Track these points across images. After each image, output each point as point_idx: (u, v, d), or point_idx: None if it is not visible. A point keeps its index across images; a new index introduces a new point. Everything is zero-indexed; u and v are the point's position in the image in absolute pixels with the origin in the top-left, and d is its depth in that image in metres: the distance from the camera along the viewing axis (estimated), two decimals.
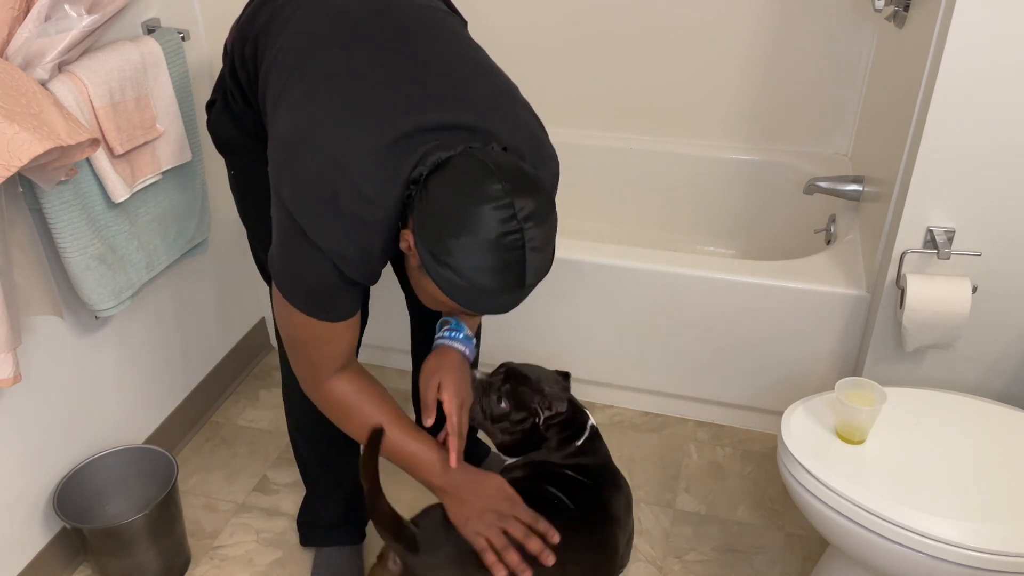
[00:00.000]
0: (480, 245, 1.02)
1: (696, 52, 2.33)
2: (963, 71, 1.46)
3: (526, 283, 1.06)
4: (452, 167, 1.06)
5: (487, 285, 1.05)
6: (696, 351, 2.01)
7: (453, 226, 1.03)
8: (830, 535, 1.39)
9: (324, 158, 1.11)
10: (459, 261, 1.03)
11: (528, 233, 1.04)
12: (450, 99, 1.16)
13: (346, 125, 1.12)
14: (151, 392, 1.95)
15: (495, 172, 1.04)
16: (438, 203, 1.05)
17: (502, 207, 1.02)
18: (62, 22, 1.40)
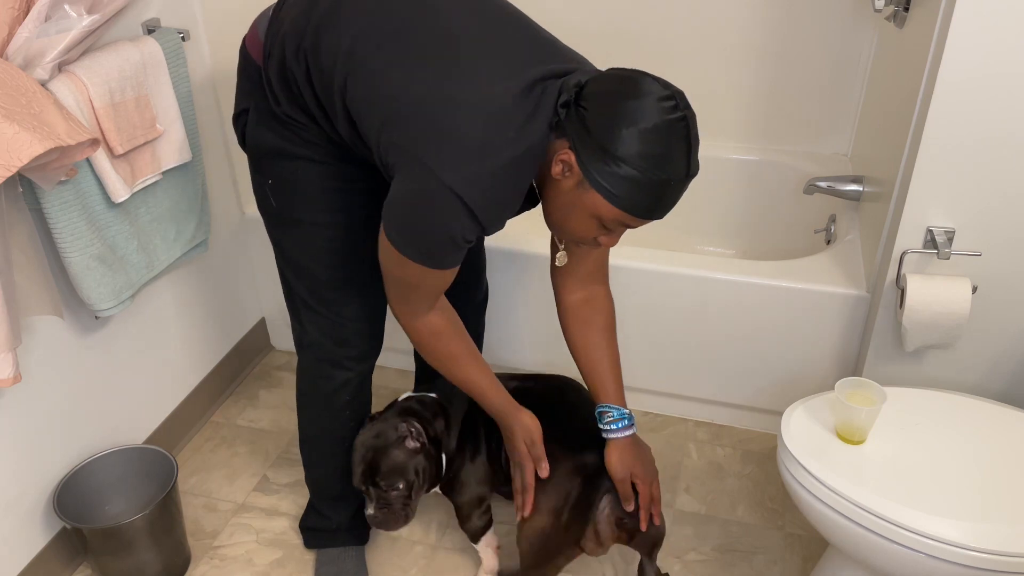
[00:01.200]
0: (653, 132, 1.10)
1: (696, 52, 2.33)
2: (963, 71, 1.46)
3: (690, 171, 1.14)
4: (602, 78, 1.15)
5: (661, 174, 1.11)
6: (696, 351, 2.01)
7: (624, 119, 1.10)
8: (830, 535, 1.39)
9: (469, 113, 1.15)
10: (633, 152, 1.10)
11: (691, 120, 1.13)
12: (548, 52, 1.24)
13: (476, 79, 1.17)
14: (151, 392, 1.95)
15: (644, 73, 1.14)
16: (602, 107, 1.12)
17: (665, 98, 1.11)
18: (62, 22, 1.40)
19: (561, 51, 1.27)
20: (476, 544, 1.71)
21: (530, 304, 2.06)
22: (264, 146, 1.39)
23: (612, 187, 1.12)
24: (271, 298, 2.33)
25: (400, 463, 1.50)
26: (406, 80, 1.19)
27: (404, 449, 1.51)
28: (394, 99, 1.19)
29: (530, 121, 1.16)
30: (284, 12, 1.32)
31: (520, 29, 1.26)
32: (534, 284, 2.02)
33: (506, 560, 1.76)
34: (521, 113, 1.16)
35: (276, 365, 2.36)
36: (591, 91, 1.14)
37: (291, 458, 2.04)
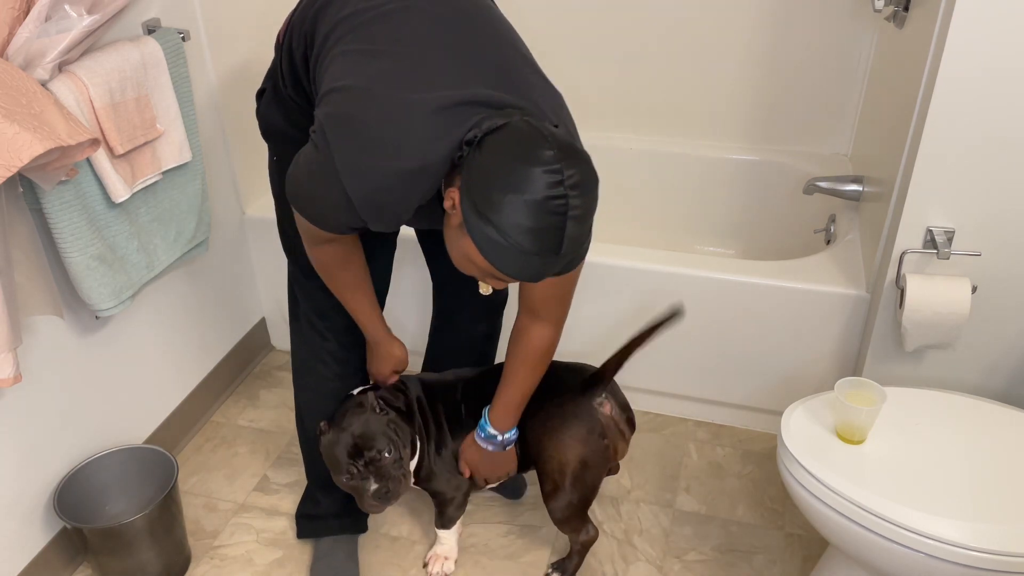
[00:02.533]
0: (525, 204, 1.07)
1: (696, 52, 2.33)
2: (963, 71, 1.46)
3: (561, 251, 1.10)
4: (509, 129, 1.11)
5: (524, 245, 1.08)
6: (696, 351, 2.01)
7: (502, 182, 1.08)
8: (830, 535, 1.39)
9: (381, 111, 1.16)
10: (502, 217, 1.07)
11: (572, 201, 1.08)
12: (505, 79, 1.21)
13: (407, 83, 1.17)
14: (151, 392, 1.95)
15: (548, 139, 1.09)
16: (491, 160, 1.10)
17: (552, 171, 1.07)
18: (62, 22, 1.40)
19: (519, 83, 1.23)
20: (449, 529, 1.72)
21: None
22: (271, 125, 1.49)
23: (482, 243, 1.11)
24: (271, 298, 2.33)
25: (378, 429, 1.51)
26: (349, 69, 1.22)
27: (375, 417, 1.53)
28: (333, 82, 1.22)
29: (434, 141, 1.15)
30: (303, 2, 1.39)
31: (491, 49, 1.24)
32: None
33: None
34: (429, 130, 1.15)
35: (276, 365, 2.36)
36: (492, 140, 1.11)
37: (291, 458, 2.04)
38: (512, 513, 1.88)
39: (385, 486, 1.50)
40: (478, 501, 1.91)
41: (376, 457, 1.49)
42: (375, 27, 1.24)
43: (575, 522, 1.63)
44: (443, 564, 1.73)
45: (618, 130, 2.51)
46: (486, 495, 1.92)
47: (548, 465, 1.58)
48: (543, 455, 1.58)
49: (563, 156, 1.08)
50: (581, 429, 1.56)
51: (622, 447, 1.62)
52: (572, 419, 1.57)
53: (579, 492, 1.59)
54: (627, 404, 1.63)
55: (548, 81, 1.30)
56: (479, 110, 1.16)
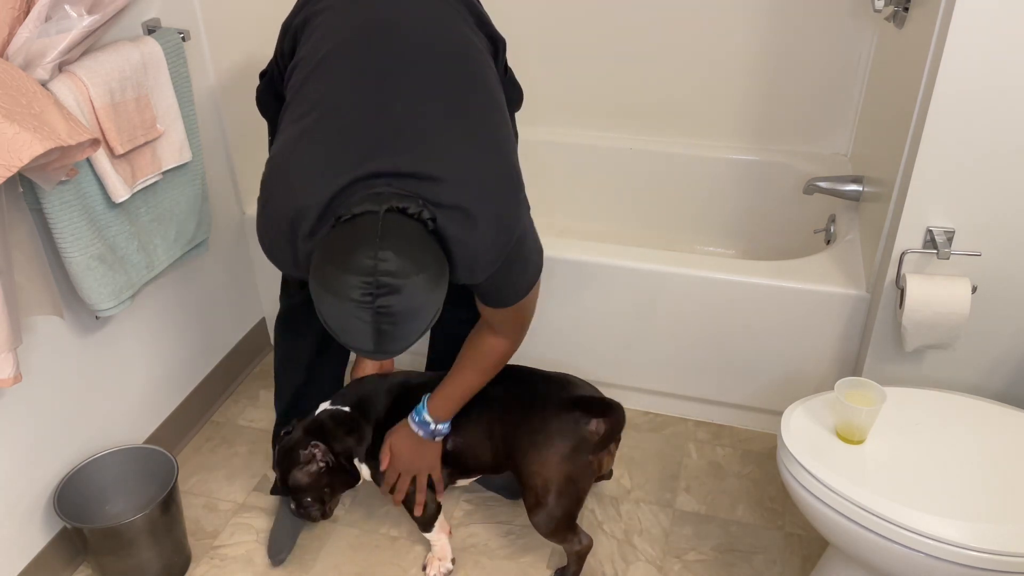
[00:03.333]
0: (338, 306, 1.12)
1: (696, 52, 2.33)
2: (963, 71, 1.46)
3: (375, 350, 1.15)
4: (349, 226, 1.14)
5: (342, 340, 1.16)
6: (696, 351, 2.01)
7: (322, 281, 1.13)
8: (830, 535, 1.39)
9: (284, 188, 1.23)
10: (324, 311, 1.14)
11: (381, 311, 1.11)
12: (411, 146, 1.21)
13: (312, 164, 1.21)
14: (151, 392, 1.95)
15: (379, 243, 1.10)
16: (321, 256, 1.15)
17: (363, 284, 1.10)
18: (62, 22, 1.40)
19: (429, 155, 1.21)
20: (429, 533, 1.73)
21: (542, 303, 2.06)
22: (267, 107, 1.56)
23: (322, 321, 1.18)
24: (271, 298, 2.33)
25: (306, 483, 1.63)
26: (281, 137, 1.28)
27: (308, 472, 1.62)
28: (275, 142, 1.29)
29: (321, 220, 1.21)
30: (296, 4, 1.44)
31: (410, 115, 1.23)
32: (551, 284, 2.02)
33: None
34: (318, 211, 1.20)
35: None
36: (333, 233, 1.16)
37: None
38: (512, 513, 1.88)
39: (301, 513, 1.67)
40: (478, 501, 1.91)
41: (302, 503, 1.65)
42: (308, 87, 1.28)
43: (563, 534, 1.62)
44: (439, 565, 1.73)
45: (618, 130, 2.51)
46: (486, 495, 1.92)
47: (532, 480, 1.57)
48: (527, 470, 1.57)
49: (385, 267, 1.10)
50: (566, 446, 1.54)
51: (607, 461, 1.61)
52: (557, 436, 1.55)
53: (563, 507, 1.57)
54: (619, 425, 1.58)
55: (486, 135, 1.27)
56: (375, 183, 1.18)
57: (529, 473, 1.57)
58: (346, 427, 1.65)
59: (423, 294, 1.13)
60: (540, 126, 2.56)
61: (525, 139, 2.51)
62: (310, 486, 1.63)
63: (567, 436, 1.55)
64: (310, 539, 1.83)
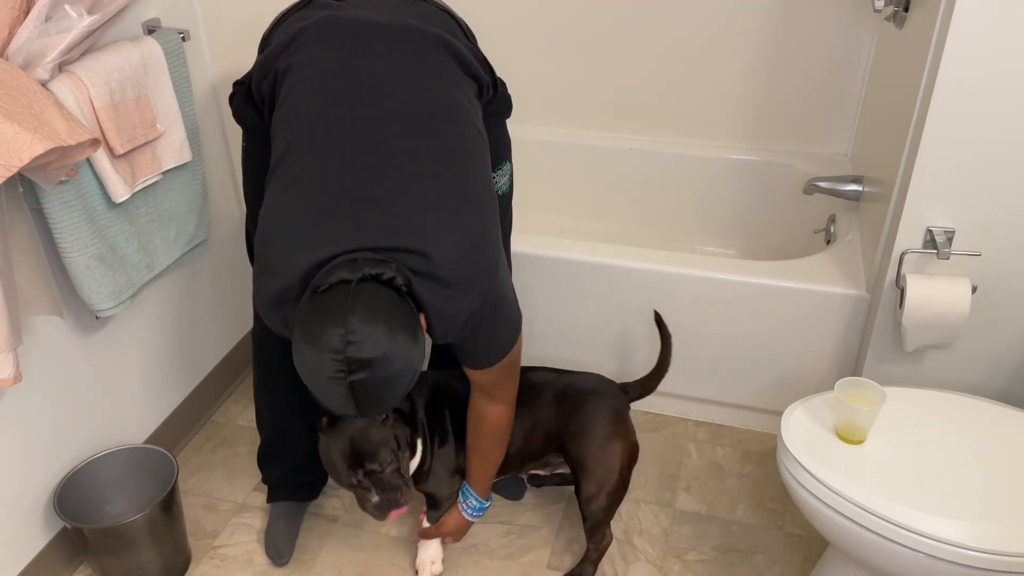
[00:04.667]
0: (315, 378, 1.18)
1: (696, 52, 2.33)
2: (963, 71, 1.46)
3: (359, 410, 1.21)
4: (322, 298, 1.19)
5: (326, 407, 1.24)
6: (696, 351, 2.01)
7: (298, 355, 1.19)
8: (830, 535, 1.39)
9: (268, 265, 1.28)
10: (304, 379, 1.21)
11: (355, 384, 1.17)
12: (392, 220, 1.24)
13: (290, 238, 1.26)
14: (151, 392, 1.95)
15: (349, 316, 1.15)
16: (296, 329, 1.20)
17: (334, 361, 1.16)
18: (62, 22, 1.40)
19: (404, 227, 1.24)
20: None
21: (543, 303, 2.06)
22: (244, 117, 1.54)
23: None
24: None
25: (378, 438, 1.47)
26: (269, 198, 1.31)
27: (375, 425, 1.48)
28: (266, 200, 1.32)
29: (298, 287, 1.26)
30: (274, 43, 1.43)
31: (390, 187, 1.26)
32: (552, 284, 2.03)
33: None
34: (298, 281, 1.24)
35: None
36: (307, 307, 1.20)
37: None
38: (512, 513, 1.88)
39: (386, 498, 1.48)
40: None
41: (376, 469, 1.46)
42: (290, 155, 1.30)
43: (606, 526, 1.68)
44: (430, 568, 1.73)
45: (618, 130, 2.51)
46: None
47: (599, 469, 1.63)
48: (590, 460, 1.63)
49: (355, 341, 1.14)
50: (628, 433, 1.66)
51: None
52: (619, 424, 1.65)
53: (622, 492, 1.65)
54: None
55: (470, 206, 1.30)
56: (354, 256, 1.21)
57: (595, 463, 1.63)
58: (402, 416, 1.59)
59: (396, 362, 1.18)
60: (540, 126, 2.56)
61: (525, 139, 2.52)
62: (386, 440, 1.48)
63: (626, 424, 1.67)
64: (310, 539, 1.83)
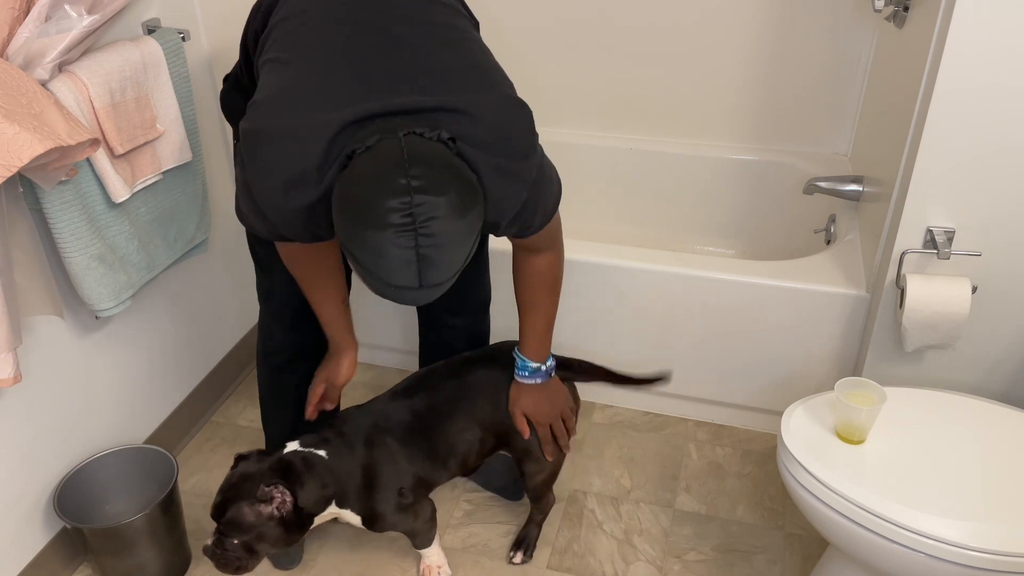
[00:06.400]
0: (376, 239, 1.03)
1: (696, 52, 2.33)
2: (963, 71, 1.46)
3: (420, 284, 1.06)
4: (371, 154, 1.07)
5: (383, 278, 1.06)
6: (696, 351, 2.01)
7: (354, 215, 1.04)
8: (830, 535, 1.39)
9: (284, 133, 1.14)
10: (358, 250, 1.05)
11: (424, 234, 1.03)
12: (420, 80, 1.16)
13: (310, 103, 1.14)
14: (151, 392, 1.95)
15: (407, 164, 1.03)
16: (347, 189, 1.06)
17: (400, 206, 1.02)
18: (62, 22, 1.40)
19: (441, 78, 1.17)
20: (430, 547, 1.70)
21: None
22: (233, 110, 1.51)
23: (355, 269, 1.09)
24: None
25: (247, 521, 1.41)
26: (267, 81, 1.21)
27: (256, 510, 1.40)
28: (257, 93, 1.21)
29: (328, 167, 1.13)
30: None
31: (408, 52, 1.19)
32: None
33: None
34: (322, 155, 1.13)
35: None
36: (353, 165, 1.08)
37: None
38: (512, 513, 1.88)
39: (214, 554, 1.44)
40: (478, 501, 1.91)
41: (224, 533, 1.41)
42: (295, 35, 1.23)
43: (549, 491, 1.72)
44: (438, 572, 1.72)
45: (618, 130, 2.51)
46: (486, 495, 1.92)
47: (533, 443, 1.63)
48: (532, 446, 1.63)
49: (421, 185, 1.03)
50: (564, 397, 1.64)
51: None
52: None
53: (562, 457, 1.68)
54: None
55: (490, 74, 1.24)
56: (378, 122, 1.12)
57: (533, 444, 1.62)
58: (320, 477, 1.46)
59: (461, 213, 1.05)
60: (540, 126, 2.54)
61: None
62: (249, 529, 1.40)
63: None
64: (310, 539, 1.83)
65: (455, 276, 1.09)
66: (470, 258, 1.11)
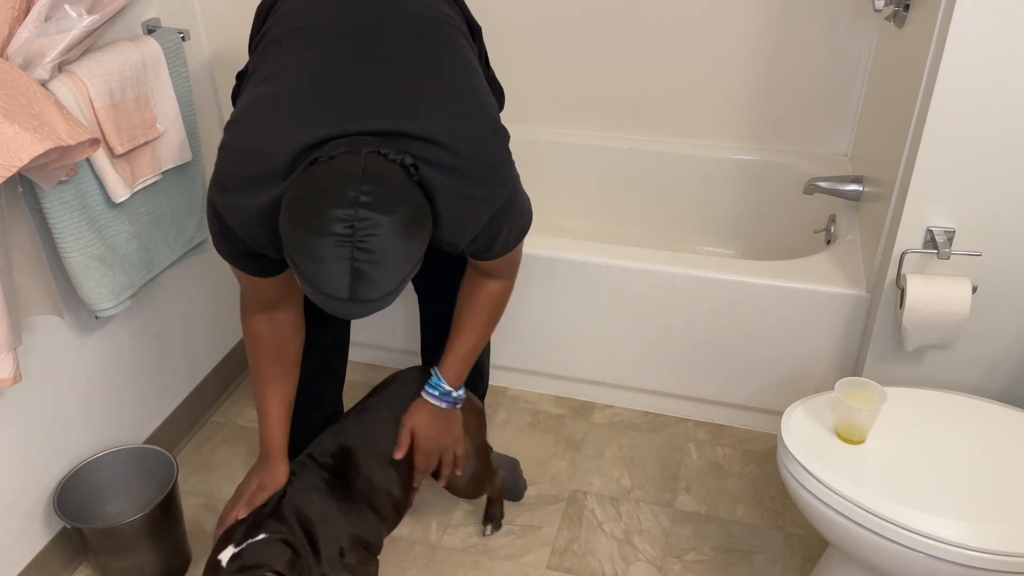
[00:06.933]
0: (315, 244, 1.04)
1: (696, 52, 2.33)
2: (963, 71, 1.46)
3: (351, 296, 1.06)
4: (331, 164, 1.09)
5: (315, 284, 1.07)
6: (696, 351, 2.01)
7: (299, 217, 1.06)
8: (830, 535, 1.39)
9: (249, 146, 1.18)
10: (297, 253, 1.06)
11: (361, 247, 1.04)
12: (397, 105, 1.18)
13: (278, 121, 1.17)
14: (151, 392, 1.95)
15: (361, 179, 1.05)
16: (298, 192, 1.08)
17: (345, 216, 1.03)
18: (62, 22, 1.40)
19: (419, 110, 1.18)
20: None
21: (542, 303, 2.06)
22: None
23: (295, 273, 1.10)
24: None
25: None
26: (245, 98, 1.24)
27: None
28: (236, 108, 1.25)
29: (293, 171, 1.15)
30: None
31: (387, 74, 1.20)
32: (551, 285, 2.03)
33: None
34: (285, 171, 1.15)
35: None
36: (309, 172, 1.10)
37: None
38: (512, 513, 1.88)
39: None
40: (478, 502, 1.91)
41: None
42: (277, 50, 1.25)
43: (485, 483, 1.71)
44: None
45: (618, 130, 2.51)
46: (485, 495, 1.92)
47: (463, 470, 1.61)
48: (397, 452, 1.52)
49: (368, 201, 1.04)
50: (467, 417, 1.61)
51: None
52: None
53: (486, 457, 1.68)
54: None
55: (472, 99, 1.24)
56: (343, 143, 1.13)
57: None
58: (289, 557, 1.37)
59: (403, 236, 1.06)
60: (540, 126, 2.56)
61: (525, 139, 2.52)
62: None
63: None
64: None
65: (390, 296, 1.10)
66: (407, 281, 1.12)
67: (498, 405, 2.19)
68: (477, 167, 1.19)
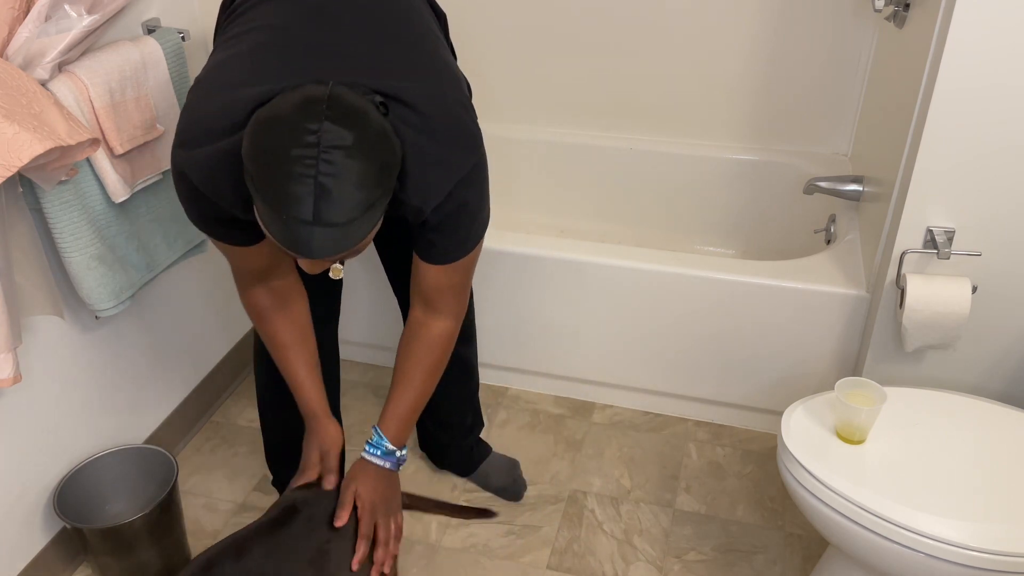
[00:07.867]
0: (278, 159, 1.01)
1: (696, 52, 2.33)
2: (963, 71, 1.46)
3: (315, 218, 1.01)
4: (296, 91, 1.07)
5: (280, 208, 1.02)
6: (696, 351, 2.01)
7: (265, 133, 1.03)
8: (830, 535, 1.39)
9: (210, 101, 1.16)
10: (259, 173, 1.02)
11: (325, 159, 1.00)
12: (365, 66, 1.17)
13: (243, 78, 1.16)
14: (151, 392, 1.95)
15: (327, 100, 1.04)
16: (263, 114, 1.05)
17: (313, 128, 1.01)
18: (62, 22, 1.40)
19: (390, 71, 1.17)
20: None
21: (542, 303, 2.06)
22: None
23: (255, 208, 1.06)
24: None
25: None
26: (209, 61, 1.24)
27: None
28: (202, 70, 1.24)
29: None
30: None
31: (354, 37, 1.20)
32: (551, 285, 2.03)
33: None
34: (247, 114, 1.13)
35: None
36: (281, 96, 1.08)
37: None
38: (512, 513, 1.88)
39: None
40: (478, 502, 1.91)
41: None
42: (244, 17, 1.25)
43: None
44: None
45: (618, 130, 2.51)
46: (485, 495, 1.92)
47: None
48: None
49: (335, 115, 1.02)
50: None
51: None
52: None
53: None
54: None
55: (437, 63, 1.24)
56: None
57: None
58: None
59: (368, 156, 1.03)
60: (540, 126, 2.56)
61: (525, 139, 2.52)
62: None
63: None
64: None
65: (354, 225, 1.04)
66: (372, 224, 1.06)
67: (498, 405, 2.19)
68: (444, 128, 1.19)
